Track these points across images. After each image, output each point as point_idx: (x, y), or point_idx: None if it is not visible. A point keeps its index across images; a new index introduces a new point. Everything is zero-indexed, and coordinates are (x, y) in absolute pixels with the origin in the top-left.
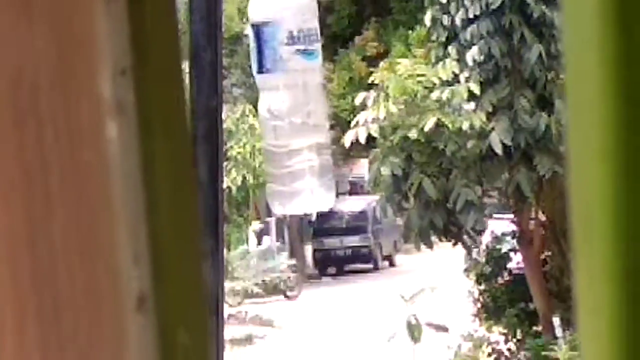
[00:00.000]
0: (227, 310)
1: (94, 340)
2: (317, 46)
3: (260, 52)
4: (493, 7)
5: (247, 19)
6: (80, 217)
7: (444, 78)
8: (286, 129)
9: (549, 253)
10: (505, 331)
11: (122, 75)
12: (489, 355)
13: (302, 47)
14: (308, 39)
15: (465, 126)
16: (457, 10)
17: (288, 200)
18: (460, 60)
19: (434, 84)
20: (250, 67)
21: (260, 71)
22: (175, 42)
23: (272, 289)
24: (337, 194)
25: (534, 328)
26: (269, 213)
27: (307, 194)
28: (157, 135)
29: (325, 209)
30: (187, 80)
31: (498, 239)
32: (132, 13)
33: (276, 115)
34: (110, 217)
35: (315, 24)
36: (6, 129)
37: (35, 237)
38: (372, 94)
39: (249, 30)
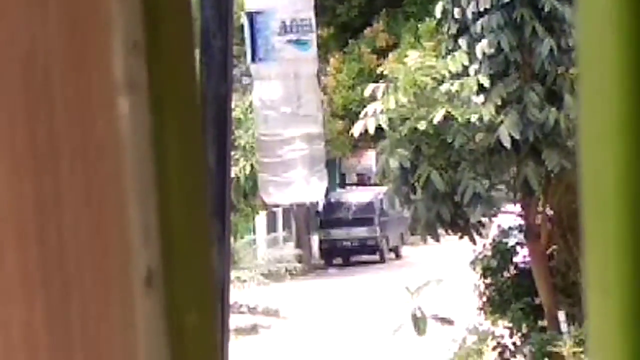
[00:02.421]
0: (232, 299)
1: (102, 316)
2: (311, 37)
3: (253, 41)
4: (504, 0)
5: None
6: (91, 193)
7: (454, 70)
8: (277, 118)
9: (556, 248)
10: (510, 325)
11: (134, 51)
12: (494, 349)
13: (294, 37)
14: (301, 29)
15: (474, 119)
16: (468, 3)
17: (279, 189)
18: (470, 53)
19: (444, 77)
20: None
21: (253, 60)
22: (187, 18)
23: (278, 279)
24: (345, 185)
25: (539, 323)
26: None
27: (299, 184)
28: (168, 112)
29: (317, 200)
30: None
31: (505, 233)
32: None
33: (267, 105)
34: (120, 193)
35: (309, 15)
36: (17, 106)
37: (44, 213)
38: (382, 85)
39: (243, 19)
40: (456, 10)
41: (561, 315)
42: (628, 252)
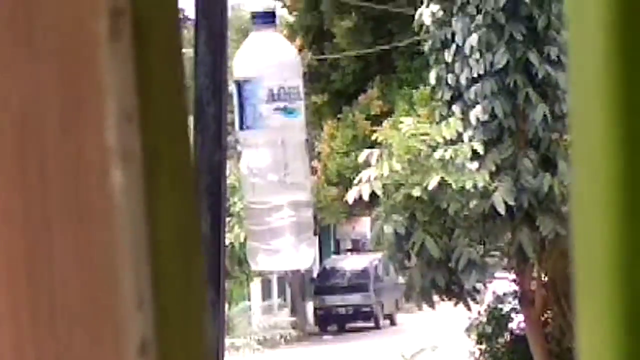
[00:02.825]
0: None
1: None
2: (299, 104)
3: (241, 109)
4: (498, 66)
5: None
6: (84, 262)
7: (448, 137)
8: (264, 186)
9: (551, 314)
10: None
11: (128, 121)
12: None
13: (282, 104)
14: (289, 97)
15: (468, 185)
16: (462, 69)
17: (267, 257)
18: (464, 119)
19: (438, 143)
20: None
21: (241, 128)
22: (180, 87)
23: (272, 346)
24: (339, 252)
25: None
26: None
27: (287, 252)
28: (162, 182)
29: (306, 267)
30: (191, 134)
31: (500, 299)
32: (138, 57)
33: (255, 173)
34: (114, 262)
35: (297, 82)
36: (10, 173)
37: (37, 282)
38: (376, 151)
39: (232, 87)
40: (450, 77)
41: None
42: (620, 317)
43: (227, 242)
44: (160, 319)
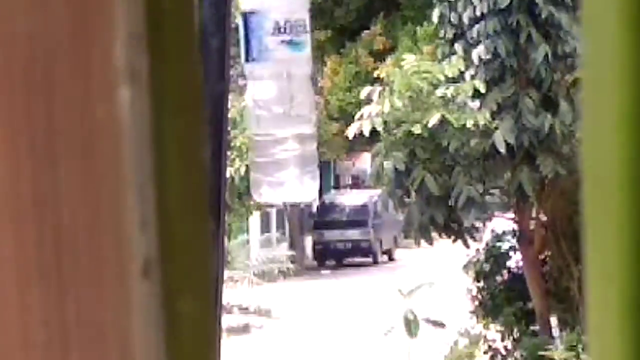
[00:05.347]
0: (224, 298)
1: (98, 305)
2: (305, 38)
3: (247, 41)
4: (501, 6)
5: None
6: (88, 183)
7: (450, 75)
8: (269, 118)
9: (549, 253)
10: (502, 329)
11: (136, 40)
12: (485, 352)
13: (288, 37)
14: (295, 29)
15: (469, 124)
16: (465, 8)
17: (271, 189)
18: (467, 58)
19: (440, 81)
20: None
21: (247, 60)
22: (189, 10)
23: (270, 279)
24: (339, 187)
25: (531, 327)
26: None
27: (290, 184)
28: (169, 102)
29: (308, 200)
30: None
31: (498, 237)
32: None
33: (260, 105)
34: (118, 183)
35: (304, 15)
36: (16, 92)
37: (41, 199)
38: (378, 88)
39: (239, 19)
40: (453, 15)
41: (553, 320)
42: (630, 242)
43: (227, 175)
44: (163, 241)
